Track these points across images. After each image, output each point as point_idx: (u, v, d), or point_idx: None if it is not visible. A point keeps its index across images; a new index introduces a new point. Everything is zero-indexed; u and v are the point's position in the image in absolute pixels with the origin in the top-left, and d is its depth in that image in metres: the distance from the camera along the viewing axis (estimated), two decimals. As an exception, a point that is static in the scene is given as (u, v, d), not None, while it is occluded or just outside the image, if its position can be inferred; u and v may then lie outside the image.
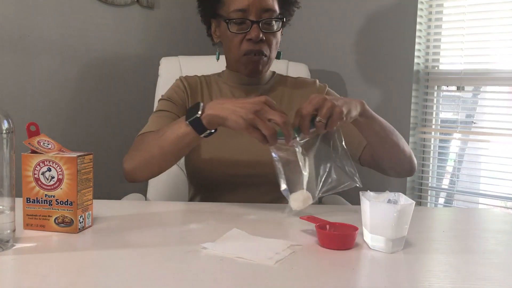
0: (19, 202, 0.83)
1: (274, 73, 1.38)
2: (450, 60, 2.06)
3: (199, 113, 0.99)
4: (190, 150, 1.12)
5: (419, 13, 1.99)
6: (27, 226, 0.86)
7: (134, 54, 2.13)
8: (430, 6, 2.03)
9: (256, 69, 1.27)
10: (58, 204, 0.85)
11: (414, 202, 0.82)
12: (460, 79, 1.98)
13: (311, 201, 1.01)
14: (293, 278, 0.69)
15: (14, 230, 0.79)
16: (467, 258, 0.82)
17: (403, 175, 1.30)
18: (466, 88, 2.01)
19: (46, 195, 0.85)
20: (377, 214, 0.81)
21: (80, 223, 0.86)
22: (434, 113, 2.07)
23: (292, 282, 0.68)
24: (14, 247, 0.77)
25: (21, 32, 1.78)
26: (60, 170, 0.84)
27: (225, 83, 1.34)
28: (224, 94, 1.32)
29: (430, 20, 2.04)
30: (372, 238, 0.82)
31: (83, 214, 0.87)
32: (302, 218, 0.93)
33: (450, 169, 2.11)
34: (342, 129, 1.05)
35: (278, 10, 1.26)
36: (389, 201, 0.83)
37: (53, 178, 0.85)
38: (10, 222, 0.78)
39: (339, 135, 1.04)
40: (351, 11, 2.14)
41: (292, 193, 1.02)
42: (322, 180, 1.01)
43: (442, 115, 2.09)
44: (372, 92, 2.09)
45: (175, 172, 1.62)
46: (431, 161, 2.07)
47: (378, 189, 0.88)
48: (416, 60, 2.01)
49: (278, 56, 1.31)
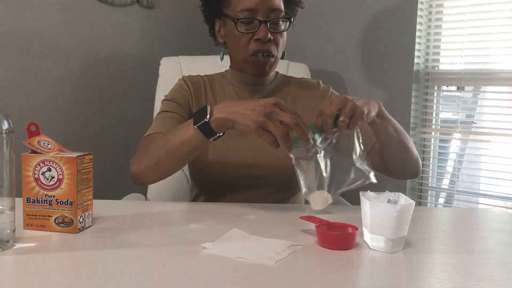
0: (19, 202, 0.83)
1: (277, 73, 1.37)
2: (450, 60, 2.06)
3: (207, 117, 0.98)
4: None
5: (419, 13, 1.99)
6: (27, 226, 0.86)
7: (134, 54, 2.13)
8: (430, 6, 2.03)
9: (263, 70, 1.26)
10: (58, 204, 0.85)
11: (414, 202, 0.82)
12: (460, 79, 1.98)
13: (331, 201, 1.03)
14: (293, 278, 0.69)
15: (14, 230, 0.79)
16: (467, 258, 0.82)
17: (408, 177, 1.30)
18: (466, 88, 2.02)
19: (46, 195, 0.85)
20: (377, 214, 0.81)
21: (80, 223, 0.86)
22: (434, 113, 2.07)
23: (292, 282, 0.68)
24: (14, 247, 0.77)
25: (21, 32, 1.78)
26: (60, 170, 0.84)
27: (229, 83, 1.33)
28: (228, 95, 1.31)
29: (430, 20, 2.04)
30: (372, 238, 0.82)
31: (83, 214, 0.87)
32: (302, 218, 0.93)
33: (450, 169, 2.12)
34: (360, 129, 1.05)
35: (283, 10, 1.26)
36: (389, 201, 0.83)
37: (53, 178, 0.85)
38: (10, 222, 0.78)
39: (358, 135, 1.05)
40: (351, 11, 2.14)
41: (311, 193, 1.03)
42: (342, 180, 1.02)
43: (442, 115, 2.09)
44: (372, 92, 2.09)
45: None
46: (431, 161, 2.07)
47: (378, 189, 0.88)
48: (416, 60, 2.01)
49: (282, 56, 1.30)
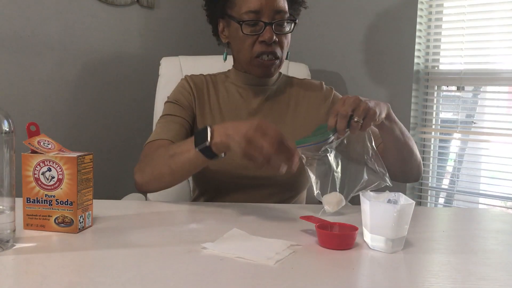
0: (19, 202, 0.83)
1: (280, 74, 1.37)
2: (450, 60, 2.06)
3: (208, 141, 0.97)
4: None
5: (419, 13, 1.99)
6: (27, 226, 0.86)
7: (134, 54, 2.13)
8: (430, 6, 2.03)
9: (267, 71, 1.26)
10: (58, 204, 0.85)
11: (414, 202, 0.82)
12: (460, 79, 1.98)
13: (344, 202, 1.03)
14: (293, 278, 0.69)
15: (14, 230, 0.79)
16: (467, 258, 0.82)
17: (410, 180, 1.31)
18: (466, 88, 2.02)
19: (46, 195, 0.85)
20: (377, 214, 0.81)
21: (80, 223, 0.86)
22: (434, 113, 2.07)
23: (292, 282, 0.68)
24: (14, 247, 0.77)
25: (21, 32, 1.78)
26: (60, 170, 0.84)
27: (232, 84, 1.33)
28: (231, 95, 1.31)
29: (430, 20, 2.04)
30: (372, 238, 0.82)
31: (83, 214, 0.87)
32: (302, 218, 0.93)
33: (450, 169, 2.12)
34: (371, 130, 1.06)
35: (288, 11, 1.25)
36: (389, 201, 0.83)
37: (53, 178, 0.85)
38: (10, 222, 0.78)
39: (369, 136, 1.05)
40: (351, 12, 2.14)
41: (324, 195, 1.03)
42: (354, 181, 1.02)
43: (442, 115, 2.09)
44: (372, 92, 2.09)
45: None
46: (431, 161, 2.07)
47: (378, 189, 0.88)
48: (416, 60, 2.01)
49: (286, 56, 1.30)
